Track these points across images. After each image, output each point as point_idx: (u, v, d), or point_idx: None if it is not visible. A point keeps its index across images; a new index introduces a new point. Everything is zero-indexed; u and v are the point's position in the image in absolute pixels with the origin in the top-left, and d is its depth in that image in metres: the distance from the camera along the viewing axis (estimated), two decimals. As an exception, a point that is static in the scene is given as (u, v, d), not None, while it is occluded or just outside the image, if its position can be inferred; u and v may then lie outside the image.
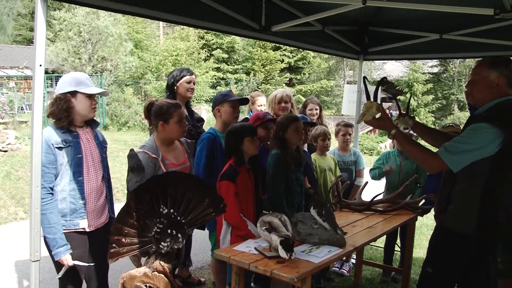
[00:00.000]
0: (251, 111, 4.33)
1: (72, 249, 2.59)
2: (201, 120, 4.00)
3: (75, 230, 2.63)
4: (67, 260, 2.55)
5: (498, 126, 2.20)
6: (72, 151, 2.58)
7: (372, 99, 2.57)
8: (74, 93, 2.59)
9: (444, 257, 2.53)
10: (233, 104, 3.38)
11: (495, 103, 2.32)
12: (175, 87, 3.72)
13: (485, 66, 2.38)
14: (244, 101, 3.57)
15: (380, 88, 2.63)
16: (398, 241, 4.39)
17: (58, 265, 2.61)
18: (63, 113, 2.54)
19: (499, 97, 2.32)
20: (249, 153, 3.01)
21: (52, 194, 2.52)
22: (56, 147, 2.51)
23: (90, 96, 2.65)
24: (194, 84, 3.83)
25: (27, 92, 17.46)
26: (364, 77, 2.97)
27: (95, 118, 2.82)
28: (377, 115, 2.44)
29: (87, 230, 2.68)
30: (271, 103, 4.09)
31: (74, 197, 2.60)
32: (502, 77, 2.31)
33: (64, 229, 2.57)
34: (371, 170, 4.30)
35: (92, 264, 2.71)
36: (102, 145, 2.82)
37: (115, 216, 2.80)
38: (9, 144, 9.31)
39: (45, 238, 2.51)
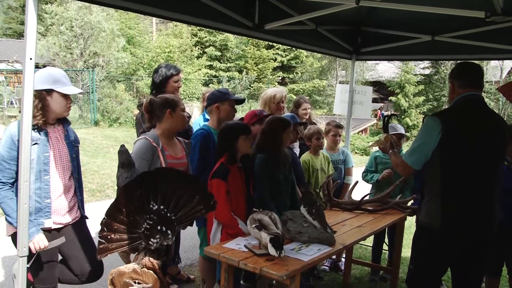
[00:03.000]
0: (205, 108, 4.31)
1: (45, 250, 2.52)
2: (188, 117, 3.98)
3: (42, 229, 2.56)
4: (42, 240, 2.46)
5: (436, 116, 2.51)
6: (39, 149, 2.52)
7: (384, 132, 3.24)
8: (50, 91, 2.53)
9: (421, 253, 2.66)
10: (234, 104, 3.38)
11: (453, 102, 2.62)
12: (164, 87, 3.69)
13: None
14: (241, 101, 3.57)
15: (389, 120, 3.29)
16: (386, 240, 4.43)
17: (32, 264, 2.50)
18: (37, 112, 2.48)
19: (456, 97, 2.61)
20: (243, 151, 3.00)
21: (11, 187, 2.46)
22: None
23: (66, 96, 2.61)
24: (181, 81, 3.82)
25: (17, 87, 17.25)
26: (385, 116, 3.38)
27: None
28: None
29: (52, 228, 2.62)
30: (268, 102, 4.01)
31: (40, 195, 2.54)
32: (452, 82, 2.66)
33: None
34: (365, 174, 4.32)
35: (64, 240, 2.61)
36: (72, 144, 2.76)
37: (84, 214, 2.82)
38: (-2, 138, 9.21)
39: (13, 226, 2.44)
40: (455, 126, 2.45)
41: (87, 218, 2.89)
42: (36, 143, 2.49)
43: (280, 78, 26.07)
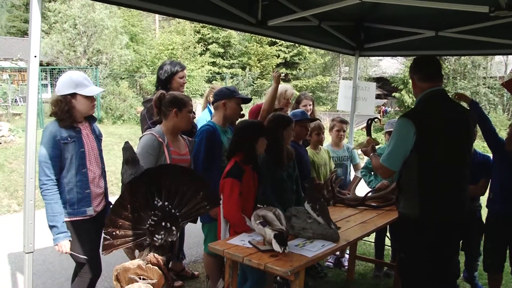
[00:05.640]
0: (209, 103, 4.31)
1: (87, 235, 2.78)
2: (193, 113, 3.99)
3: (83, 218, 2.76)
4: (65, 246, 2.67)
5: (409, 118, 2.55)
6: (76, 146, 2.72)
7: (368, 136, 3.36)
8: (73, 95, 2.70)
9: (406, 242, 2.74)
10: (240, 102, 3.38)
11: (418, 99, 2.67)
12: (169, 83, 3.70)
13: None
14: (248, 101, 3.56)
15: (371, 124, 3.41)
16: (389, 234, 4.42)
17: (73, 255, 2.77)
18: (65, 114, 2.68)
19: (420, 93, 2.65)
20: (260, 152, 3.00)
21: (57, 185, 2.66)
22: (62, 143, 2.64)
23: (89, 96, 2.77)
24: (185, 78, 3.83)
25: (21, 84, 17.30)
26: (370, 119, 3.45)
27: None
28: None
29: (93, 215, 2.83)
30: (279, 97, 3.96)
31: (81, 187, 2.74)
32: (412, 77, 2.70)
33: (73, 218, 2.73)
34: (364, 172, 4.26)
35: (86, 257, 2.77)
36: (98, 138, 2.97)
37: (108, 201, 3.00)
38: (3, 136, 9.25)
39: (48, 225, 2.66)
40: (428, 125, 2.53)
41: (112, 204, 2.96)
42: (74, 141, 2.70)
43: (284, 74, 26.03)
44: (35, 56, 2.26)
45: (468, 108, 3.47)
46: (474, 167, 3.46)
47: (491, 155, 3.60)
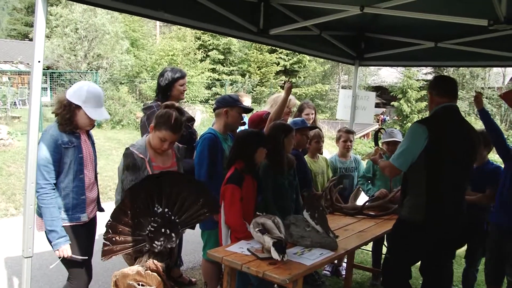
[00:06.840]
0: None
1: (80, 240, 2.74)
2: (192, 120, 3.97)
3: (77, 224, 2.75)
4: (66, 250, 2.63)
5: (422, 124, 2.80)
6: (76, 151, 2.71)
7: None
8: (78, 107, 2.68)
9: (401, 244, 2.90)
10: (242, 111, 3.39)
11: (433, 111, 2.92)
12: (169, 90, 3.70)
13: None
14: (249, 111, 3.57)
15: (377, 135, 3.88)
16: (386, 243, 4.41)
17: (65, 261, 2.72)
18: (66, 121, 2.67)
19: (436, 106, 2.90)
20: (259, 161, 3.02)
21: (54, 189, 2.64)
22: (63, 147, 2.63)
23: None
24: (186, 85, 3.83)
25: (21, 87, 17.29)
26: (376, 130, 3.77)
27: None
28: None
29: (87, 221, 2.82)
30: None
31: (77, 193, 2.73)
32: (430, 92, 2.97)
33: (67, 223, 2.70)
34: (362, 181, 4.25)
35: (86, 257, 2.76)
36: (93, 144, 2.98)
37: (100, 207, 3.01)
38: (2, 139, 9.22)
39: (46, 230, 2.64)
40: (440, 133, 2.74)
41: (103, 210, 3.02)
42: (74, 146, 2.69)
43: (283, 82, 26.05)
44: (39, 61, 2.28)
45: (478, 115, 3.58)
46: (484, 176, 3.53)
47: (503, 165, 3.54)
